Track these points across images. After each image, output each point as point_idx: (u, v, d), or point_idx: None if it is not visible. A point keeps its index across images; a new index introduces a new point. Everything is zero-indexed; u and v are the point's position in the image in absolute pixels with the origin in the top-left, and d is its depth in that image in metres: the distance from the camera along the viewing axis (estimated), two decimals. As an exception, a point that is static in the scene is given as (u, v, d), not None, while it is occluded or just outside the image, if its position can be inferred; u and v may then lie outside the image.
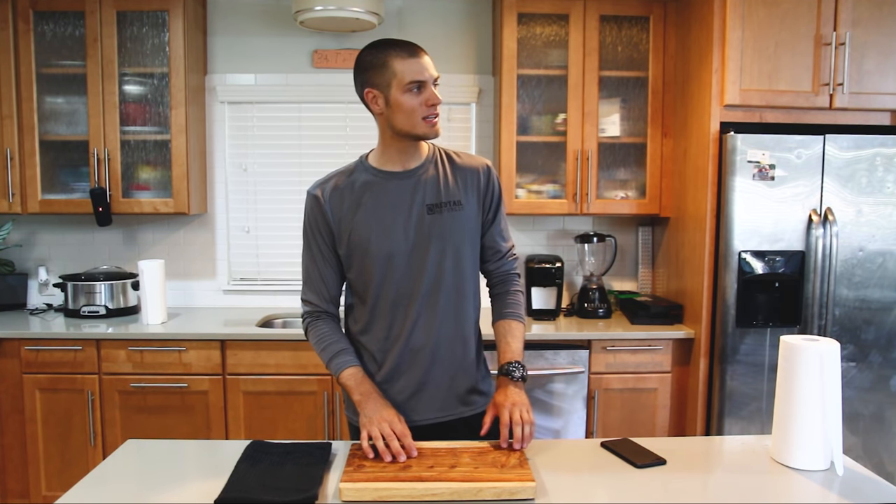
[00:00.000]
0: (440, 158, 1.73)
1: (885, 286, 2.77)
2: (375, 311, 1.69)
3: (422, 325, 1.67)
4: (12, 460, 2.87)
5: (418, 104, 1.60)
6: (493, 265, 1.81)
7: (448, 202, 1.68)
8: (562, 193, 3.17)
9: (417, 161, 1.70)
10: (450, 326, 1.70)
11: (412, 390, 1.69)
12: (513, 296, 1.80)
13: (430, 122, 1.62)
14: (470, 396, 1.74)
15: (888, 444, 2.82)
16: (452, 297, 1.69)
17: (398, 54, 1.61)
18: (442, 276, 1.67)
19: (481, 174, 1.73)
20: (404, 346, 1.68)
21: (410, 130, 1.63)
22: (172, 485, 1.39)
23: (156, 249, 3.41)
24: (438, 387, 1.70)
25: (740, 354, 2.76)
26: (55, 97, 3.16)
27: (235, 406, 2.84)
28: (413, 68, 1.60)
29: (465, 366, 1.73)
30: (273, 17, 3.33)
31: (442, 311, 1.68)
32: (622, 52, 3.20)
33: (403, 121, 1.62)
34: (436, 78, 1.62)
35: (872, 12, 2.75)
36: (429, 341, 1.68)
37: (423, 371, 1.69)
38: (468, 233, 1.71)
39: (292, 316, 3.28)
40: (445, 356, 1.70)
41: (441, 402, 1.71)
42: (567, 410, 2.91)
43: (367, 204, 1.67)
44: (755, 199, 2.71)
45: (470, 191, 1.71)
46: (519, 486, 1.31)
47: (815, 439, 1.44)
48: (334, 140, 3.39)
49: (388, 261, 1.65)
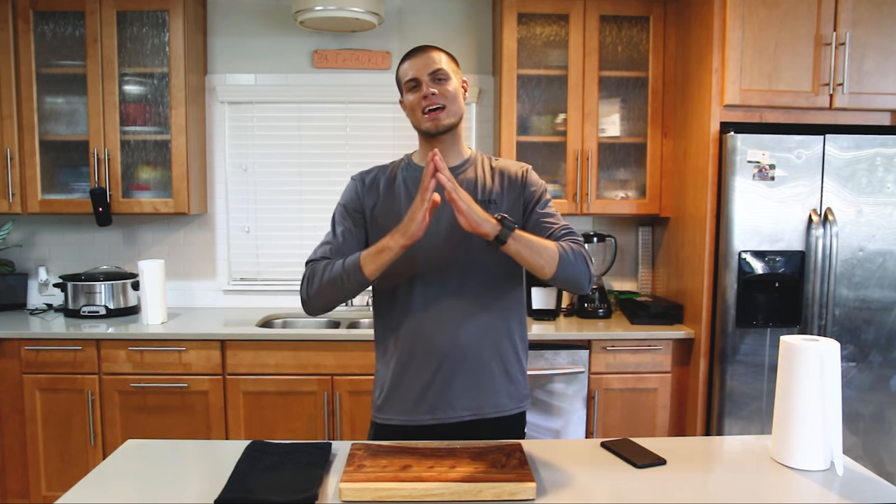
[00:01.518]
0: (482, 161, 1.76)
1: (885, 286, 2.77)
2: (402, 307, 1.67)
3: (448, 320, 1.64)
4: (12, 460, 2.87)
5: (416, 101, 1.66)
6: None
7: (484, 200, 1.66)
8: (562, 193, 3.17)
9: (457, 159, 1.73)
10: (480, 325, 1.66)
11: (439, 386, 1.66)
12: (570, 243, 1.61)
13: (429, 116, 1.65)
14: (498, 397, 1.69)
15: (888, 444, 2.82)
16: (484, 295, 1.66)
17: (403, 60, 1.71)
18: (472, 273, 1.65)
19: (520, 175, 1.73)
20: (431, 342, 1.65)
21: (418, 126, 1.69)
22: (172, 485, 1.39)
23: (156, 249, 3.41)
24: (465, 386, 1.66)
25: (740, 354, 2.76)
26: (55, 97, 3.16)
27: (235, 406, 2.84)
28: (406, 68, 1.68)
29: (496, 366, 1.69)
30: (273, 17, 3.33)
31: (471, 309, 1.65)
32: (622, 52, 3.20)
33: (412, 119, 1.70)
34: (434, 71, 1.65)
35: (872, 12, 2.75)
36: (457, 338, 1.64)
37: (453, 369, 1.65)
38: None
39: (292, 316, 3.28)
40: (473, 355, 1.66)
41: (467, 401, 1.66)
42: (567, 410, 2.91)
43: (400, 196, 1.69)
44: (755, 199, 2.71)
45: (508, 191, 1.70)
46: (519, 486, 1.31)
47: (815, 439, 1.44)
48: (334, 140, 3.39)
49: (419, 254, 1.62)
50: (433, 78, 1.65)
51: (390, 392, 1.71)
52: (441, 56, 1.68)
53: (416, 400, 1.67)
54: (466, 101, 1.76)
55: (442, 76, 1.66)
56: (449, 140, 1.70)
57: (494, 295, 1.69)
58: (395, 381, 1.70)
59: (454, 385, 1.66)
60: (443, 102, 1.65)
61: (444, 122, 1.66)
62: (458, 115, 1.69)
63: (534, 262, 1.54)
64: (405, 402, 1.68)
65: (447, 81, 1.66)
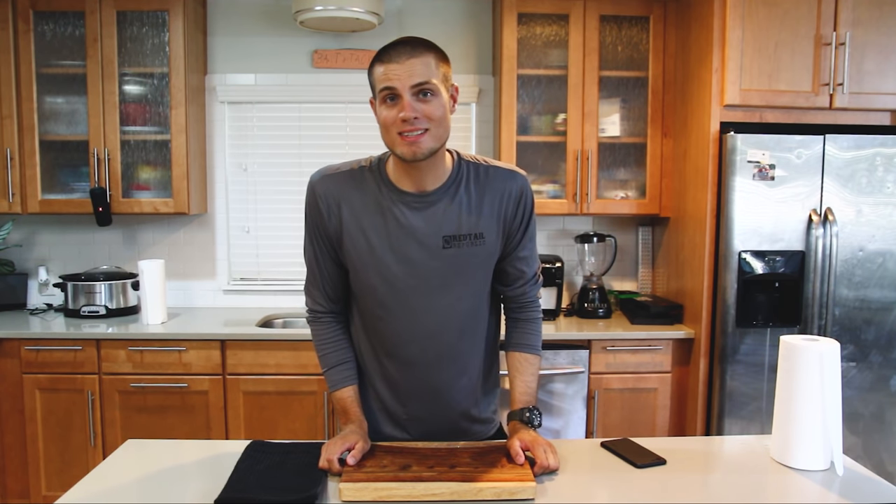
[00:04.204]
0: (466, 177, 1.46)
1: (885, 286, 2.77)
2: (374, 338, 1.54)
3: (422, 365, 1.51)
4: (12, 460, 2.87)
5: (392, 119, 1.34)
6: (517, 290, 1.59)
7: (469, 235, 1.44)
8: (562, 193, 3.17)
9: (436, 181, 1.44)
10: (455, 370, 1.53)
11: (409, 424, 1.58)
12: (533, 324, 1.62)
13: (406, 140, 1.34)
14: (472, 426, 1.62)
15: (888, 444, 2.82)
16: (462, 339, 1.52)
17: (380, 56, 1.36)
18: (452, 317, 1.49)
19: (513, 193, 1.48)
20: (400, 383, 1.54)
21: (391, 148, 1.38)
22: (172, 485, 1.38)
23: (156, 249, 3.41)
24: (436, 423, 1.57)
25: (740, 354, 2.76)
26: (55, 97, 3.16)
27: (235, 406, 2.84)
28: (382, 72, 1.34)
29: (468, 404, 1.59)
30: (273, 17, 3.33)
31: (449, 353, 1.51)
32: (622, 52, 3.20)
33: (385, 137, 1.38)
34: (419, 84, 1.33)
35: (872, 12, 2.75)
36: (429, 383, 1.53)
37: (426, 408, 1.56)
38: (487, 268, 1.51)
39: (292, 316, 3.28)
40: (446, 397, 1.55)
41: (438, 436, 1.57)
42: (567, 410, 2.91)
43: (372, 225, 1.45)
44: (755, 199, 2.71)
45: (497, 217, 1.47)
46: (519, 486, 1.31)
47: (815, 439, 1.44)
48: (334, 140, 3.39)
49: (389, 296, 1.47)
50: (417, 92, 1.33)
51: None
52: (430, 62, 1.34)
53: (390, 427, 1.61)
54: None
55: (428, 90, 1.33)
56: (426, 165, 1.40)
57: (469, 342, 1.55)
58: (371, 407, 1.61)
59: (423, 423, 1.58)
60: (425, 127, 1.34)
61: (424, 150, 1.35)
62: (442, 140, 1.38)
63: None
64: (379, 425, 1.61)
65: (434, 98, 1.34)
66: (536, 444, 1.43)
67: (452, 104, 1.41)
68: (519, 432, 1.47)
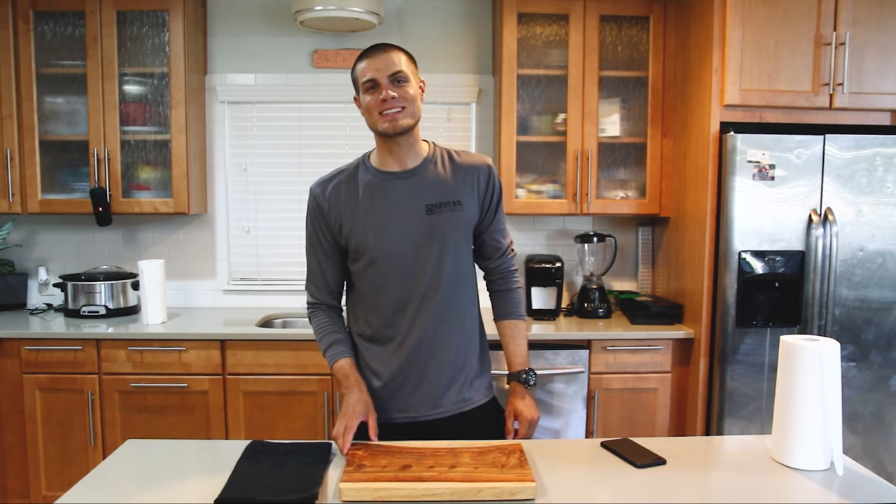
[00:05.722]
0: (441, 157, 1.74)
1: (885, 286, 2.77)
2: (374, 310, 1.72)
3: (420, 324, 1.70)
4: (12, 460, 2.87)
5: (374, 103, 1.64)
6: (494, 262, 1.84)
7: (448, 202, 1.69)
8: (562, 193, 3.17)
9: (416, 160, 1.72)
10: (449, 325, 1.72)
11: (410, 388, 1.72)
12: (514, 293, 1.86)
13: (386, 117, 1.63)
14: (468, 392, 1.77)
15: (888, 444, 2.82)
16: (451, 296, 1.72)
17: (360, 57, 1.67)
18: (441, 276, 1.70)
19: (482, 173, 1.75)
20: (402, 345, 1.71)
21: (374, 127, 1.68)
22: (172, 485, 1.39)
23: (156, 249, 3.41)
24: (437, 385, 1.73)
25: (740, 354, 2.76)
26: (55, 97, 3.16)
27: (235, 406, 2.84)
28: (364, 68, 1.65)
29: (464, 363, 1.76)
30: (273, 17, 3.33)
31: (441, 311, 1.71)
32: (622, 52, 3.20)
33: (368, 120, 1.68)
34: (394, 73, 1.62)
35: (872, 12, 2.75)
36: (427, 340, 1.71)
37: (421, 369, 1.72)
38: (467, 232, 1.75)
39: (292, 316, 3.28)
40: (444, 354, 1.72)
41: (439, 399, 1.73)
42: (567, 410, 2.91)
43: (365, 204, 1.69)
44: (755, 199, 2.71)
45: (470, 190, 1.73)
46: (519, 486, 1.31)
47: (815, 439, 1.44)
48: (334, 140, 3.39)
49: (386, 262, 1.68)
50: (392, 80, 1.63)
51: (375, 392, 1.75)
52: (401, 57, 1.65)
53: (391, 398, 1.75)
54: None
55: (401, 78, 1.63)
56: (406, 142, 1.69)
57: (457, 299, 1.75)
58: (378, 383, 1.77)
59: (424, 385, 1.73)
60: (402, 105, 1.63)
61: (402, 124, 1.64)
62: (416, 116, 1.68)
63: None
64: (381, 402, 1.73)
65: (406, 84, 1.64)
66: (523, 419, 1.76)
67: (421, 94, 1.71)
68: (516, 396, 1.79)
